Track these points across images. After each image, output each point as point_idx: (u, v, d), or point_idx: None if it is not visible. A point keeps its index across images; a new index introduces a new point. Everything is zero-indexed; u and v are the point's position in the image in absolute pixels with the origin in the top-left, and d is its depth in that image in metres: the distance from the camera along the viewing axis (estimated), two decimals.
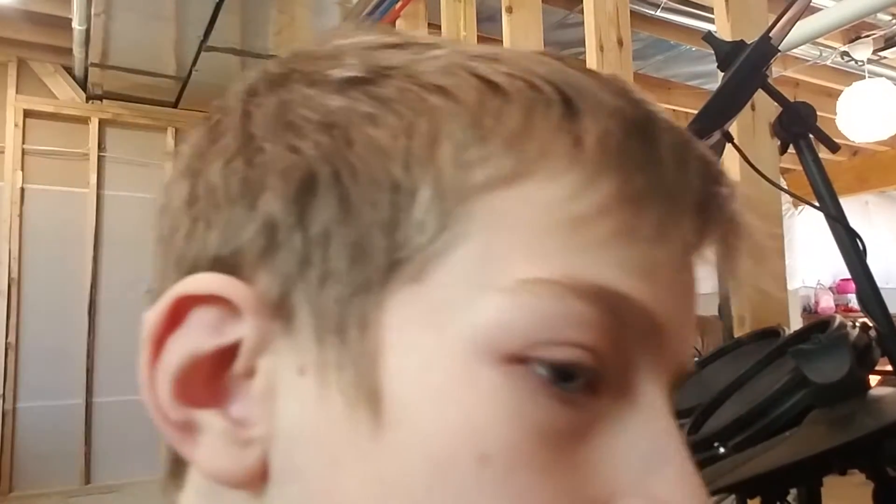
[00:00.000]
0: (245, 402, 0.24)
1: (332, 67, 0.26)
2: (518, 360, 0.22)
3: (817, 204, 0.94)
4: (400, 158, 0.23)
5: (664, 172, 0.24)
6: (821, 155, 0.95)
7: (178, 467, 0.28)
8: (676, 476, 0.24)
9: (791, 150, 0.96)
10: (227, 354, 0.24)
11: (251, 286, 0.24)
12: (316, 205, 0.23)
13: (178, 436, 0.24)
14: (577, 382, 0.23)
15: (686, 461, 0.24)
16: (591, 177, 0.23)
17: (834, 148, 0.95)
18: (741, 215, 0.26)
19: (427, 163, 0.23)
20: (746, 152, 1.14)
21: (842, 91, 3.41)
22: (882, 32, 3.40)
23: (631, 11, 1.94)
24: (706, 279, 0.28)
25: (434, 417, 0.22)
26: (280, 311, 0.24)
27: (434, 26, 2.60)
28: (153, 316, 0.24)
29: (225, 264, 0.24)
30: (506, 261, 0.23)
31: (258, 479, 0.24)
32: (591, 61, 1.84)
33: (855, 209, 5.48)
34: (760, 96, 1.14)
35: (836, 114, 3.36)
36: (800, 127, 0.95)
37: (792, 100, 0.97)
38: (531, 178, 0.23)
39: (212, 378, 0.24)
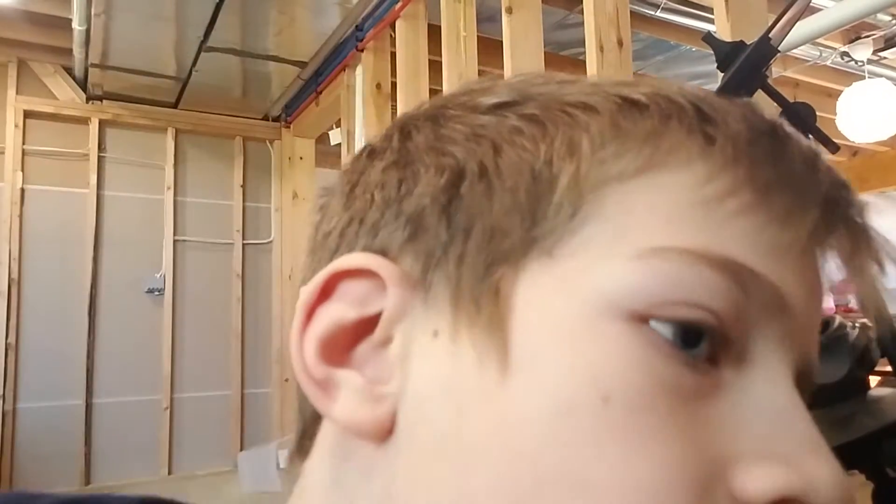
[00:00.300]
0: (381, 364, 0.27)
1: (484, 96, 0.29)
2: (644, 318, 0.24)
3: None
4: (542, 157, 0.26)
5: (792, 168, 0.26)
6: None
7: (305, 440, 0.31)
8: (812, 447, 0.24)
9: None
10: (369, 324, 0.27)
11: (396, 265, 0.27)
12: (461, 196, 0.26)
13: (318, 392, 0.27)
14: (700, 347, 0.24)
15: (820, 438, 0.24)
16: (721, 166, 0.25)
17: (834, 148, 0.95)
18: (870, 222, 0.28)
19: (567, 159, 0.26)
20: None
21: (842, 91, 3.41)
22: (882, 33, 3.40)
23: (631, 12, 1.94)
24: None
25: (559, 364, 0.24)
26: (420, 284, 0.26)
27: (434, 27, 2.60)
28: (308, 289, 0.27)
29: (373, 250, 0.28)
30: (636, 235, 0.24)
31: (386, 430, 0.26)
32: (591, 62, 1.84)
33: None
34: (760, 97, 1.14)
35: (835, 114, 3.36)
36: (800, 127, 0.95)
37: (792, 100, 0.97)
38: (664, 168, 0.25)
39: (353, 344, 0.27)
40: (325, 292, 0.27)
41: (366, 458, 0.26)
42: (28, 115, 3.73)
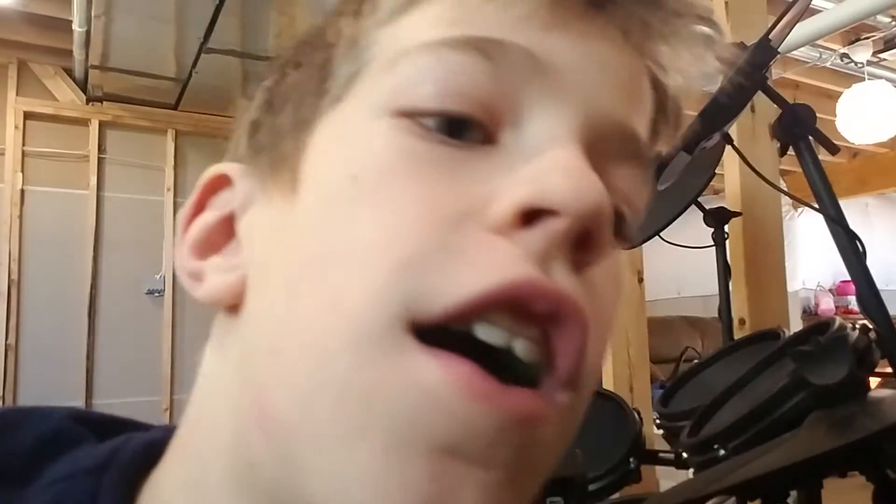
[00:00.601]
0: (236, 245, 0.30)
1: None
2: (406, 114, 0.26)
3: (817, 206, 0.94)
4: (334, 30, 0.30)
5: None
6: (820, 157, 0.95)
7: None
8: (558, 165, 0.25)
9: (791, 151, 0.97)
10: (228, 223, 0.31)
11: (242, 165, 0.31)
12: (279, 91, 0.31)
13: (191, 282, 0.30)
14: (466, 136, 0.25)
15: (575, 160, 0.25)
16: None
17: (833, 150, 0.95)
18: None
19: (350, 22, 0.29)
20: (746, 154, 1.14)
21: (841, 93, 3.42)
22: (882, 34, 3.41)
23: None
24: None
25: (326, 168, 0.27)
26: (258, 174, 0.30)
27: None
28: (184, 208, 0.32)
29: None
30: (396, 51, 0.27)
31: (240, 295, 0.28)
32: None
33: (855, 211, 5.49)
34: (760, 98, 1.14)
35: (835, 116, 3.37)
36: (799, 129, 0.95)
37: (791, 102, 0.97)
38: (422, 2, 0.28)
39: (222, 242, 0.31)
40: (198, 208, 0.32)
41: (232, 325, 0.29)
42: (28, 116, 3.73)
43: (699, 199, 1.31)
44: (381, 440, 0.22)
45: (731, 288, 1.43)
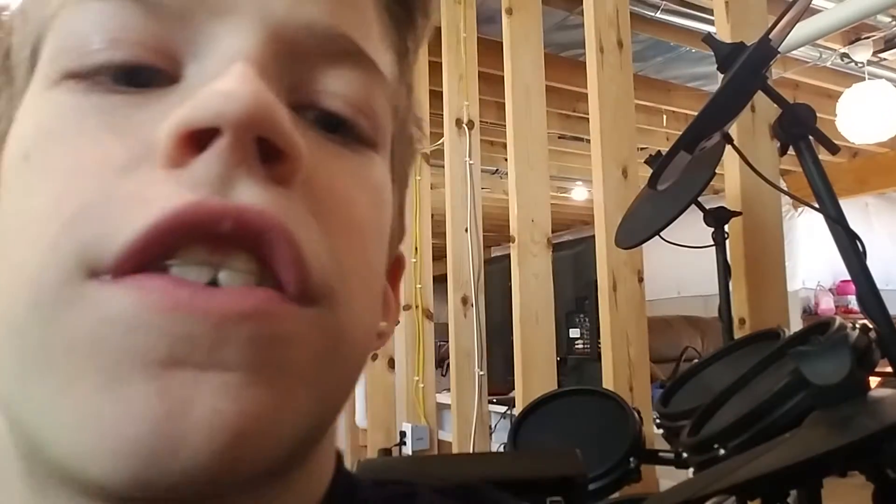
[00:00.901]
0: None
1: None
2: (73, 75, 0.24)
3: (817, 205, 0.94)
4: (10, 22, 0.28)
5: None
6: (820, 156, 0.95)
7: None
8: (222, 75, 0.23)
9: (791, 151, 0.97)
10: None
11: None
12: None
13: None
14: (149, 83, 0.24)
15: (236, 69, 0.23)
16: None
17: (833, 149, 0.95)
18: None
19: (27, 3, 0.28)
20: (746, 154, 1.14)
21: (842, 93, 3.41)
22: (882, 34, 3.41)
23: (631, 13, 1.95)
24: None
25: (6, 156, 0.26)
26: None
27: (434, 28, 2.60)
28: None
29: None
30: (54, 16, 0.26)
31: None
32: (591, 63, 1.84)
33: (855, 211, 5.49)
34: (760, 98, 1.14)
35: (835, 115, 3.37)
36: (799, 128, 0.95)
37: (792, 101, 0.97)
38: None
39: None
40: None
41: None
42: None
43: (699, 199, 1.30)
44: (92, 382, 0.21)
45: (731, 288, 1.43)
